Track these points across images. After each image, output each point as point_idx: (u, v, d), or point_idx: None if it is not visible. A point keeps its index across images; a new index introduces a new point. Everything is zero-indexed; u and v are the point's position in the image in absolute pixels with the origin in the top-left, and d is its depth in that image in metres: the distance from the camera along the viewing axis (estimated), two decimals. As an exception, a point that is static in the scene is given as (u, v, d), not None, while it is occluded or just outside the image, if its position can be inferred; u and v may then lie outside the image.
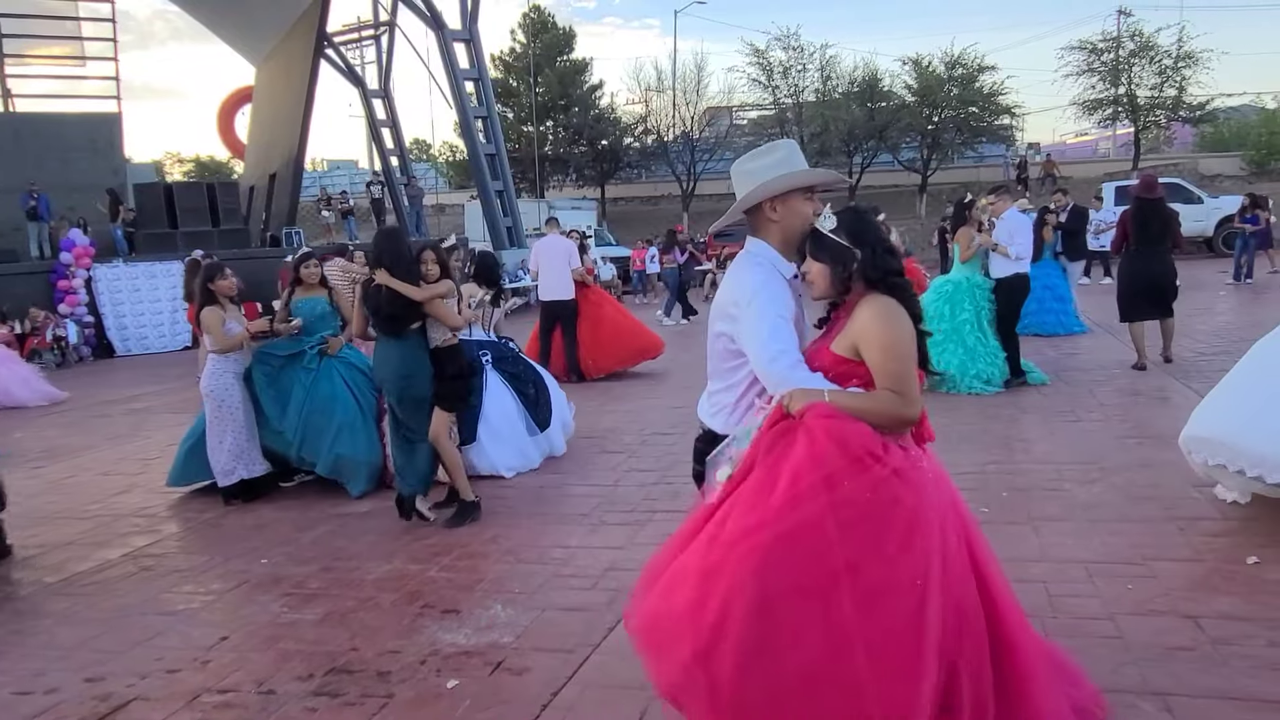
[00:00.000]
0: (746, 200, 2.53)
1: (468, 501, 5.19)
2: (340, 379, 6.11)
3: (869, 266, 2.40)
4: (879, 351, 2.33)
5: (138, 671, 3.52)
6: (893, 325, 2.35)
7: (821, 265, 2.44)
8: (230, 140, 34.94)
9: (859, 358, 2.36)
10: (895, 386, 2.31)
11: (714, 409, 2.67)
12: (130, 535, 5.42)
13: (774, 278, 2.50)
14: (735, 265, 2.61)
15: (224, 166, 49.77)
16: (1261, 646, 3.06)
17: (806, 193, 2.56)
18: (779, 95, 34.08)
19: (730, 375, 2.58)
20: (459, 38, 22.63)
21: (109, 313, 17.01)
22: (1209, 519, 4.32)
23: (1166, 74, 31.11)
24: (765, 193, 2.52)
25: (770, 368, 2.39)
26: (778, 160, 2.54)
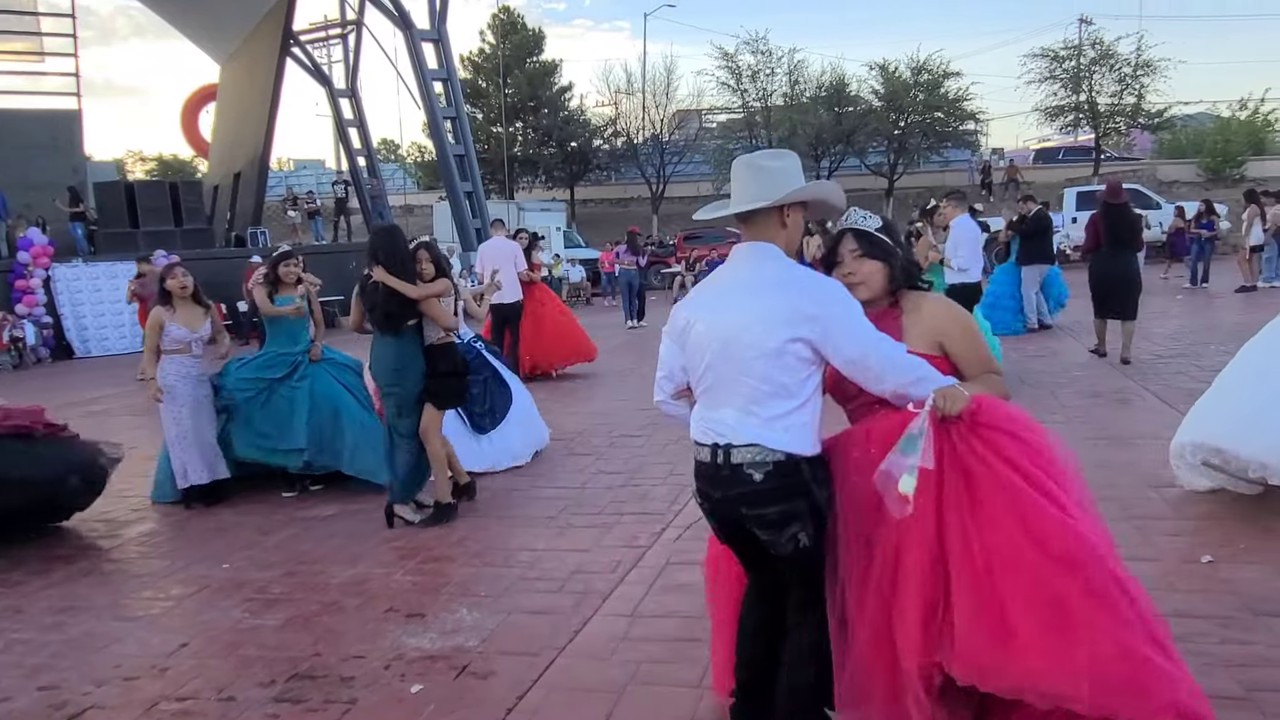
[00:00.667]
0: (794, 195, 2.36)
1: (445, 504, 5.18)
2: (334, 380, 6.06)
3: (907, 267, 2.49)
4: (968, 339, 2.45)
5: (94, 679, 3.45)
6: (966, 313, 2.51)
7: (877, 264, 2.44)
8: (194, 138, 34.41)
9: (940, 353, 2.42)
10: (993, 367, 2.47)
11: (792, 430, 2.31)
12: (89, 540, 5.32)
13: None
14: (771, 267, 2.36)
15: (187, 165, 48.99)
16: (1215, 644, 3.13)
17: (805, 208, 2.47)
18: (748, 99, 34.23)
19: (802, 389, 2.31)
20: (427, 38, 22.47)
21: (68, 313, 16.70)
22: (1166, 519, 4.41)
23: (1126, 82, 31.72)
24: (811, 194, 2.41)
25: (894, 353, 2.27)
26: (798, 167, 2.43)
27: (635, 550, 4.45)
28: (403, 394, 5.07)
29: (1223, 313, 12.37)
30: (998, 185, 32.00)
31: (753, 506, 2.33)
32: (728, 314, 2.34)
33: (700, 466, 2.43)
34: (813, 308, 2.26)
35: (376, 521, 5.27)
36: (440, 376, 5.14)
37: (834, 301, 2.28)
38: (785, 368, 2.28)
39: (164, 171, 48.56)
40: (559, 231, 27.01)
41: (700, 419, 2.42)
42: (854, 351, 2.26)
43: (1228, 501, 4.57)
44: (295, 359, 6.01)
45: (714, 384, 2.37)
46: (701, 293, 2.53)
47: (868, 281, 2.44)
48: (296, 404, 5.87)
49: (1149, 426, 6.26)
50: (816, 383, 2.36)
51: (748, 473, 2.30)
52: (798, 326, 2.25)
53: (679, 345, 2.48)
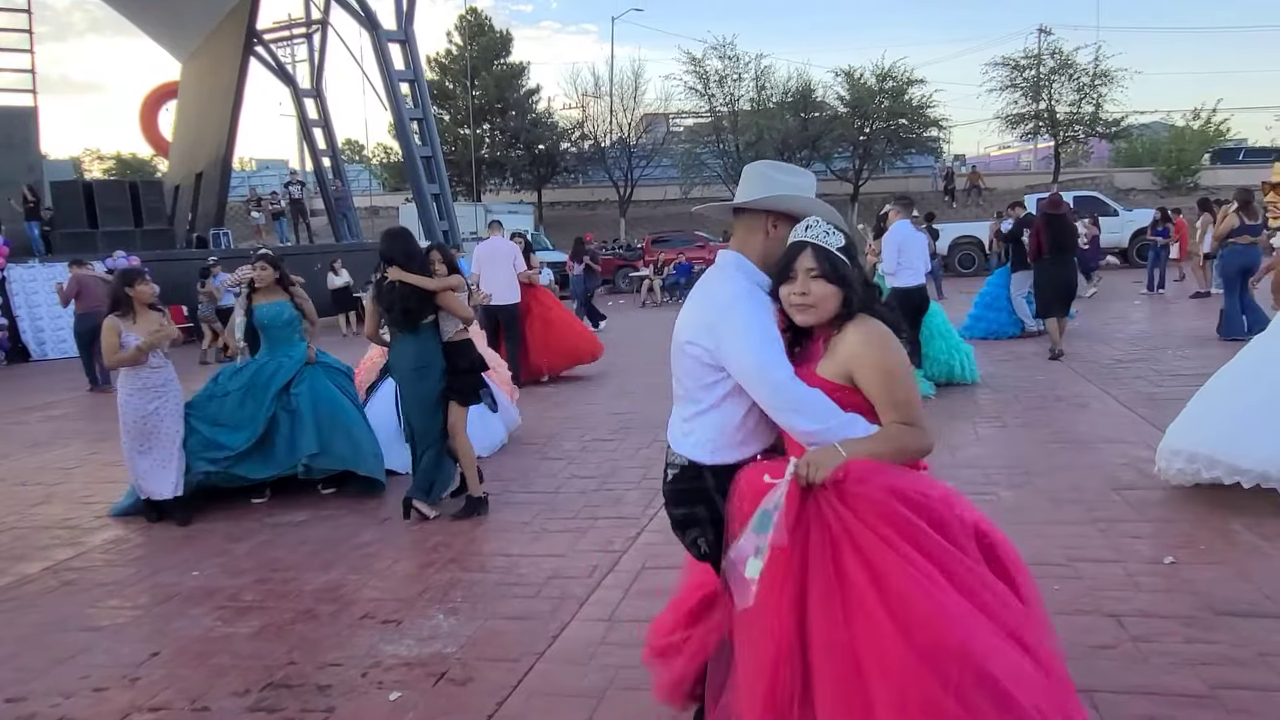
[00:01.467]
0: (769, 202, 2.34)
1: (476, 497, 5.29)
2: (329, 384, 6.00)
3: (867, 295, 2.24)
4: (882, 376, 2.15)
5: (62, 690, 3.39)
6: (891, 348, 2.17)
7: (833, 288, 2.18)
8: (153, 137, 33.78)
9: (847, 383, 2.17)
10: (905, 417, 2.14)
11: (693, 436, 2.35)
12: (51, 548, 5.21)
13: (755, 289, 2.31)
14: (711, 276, 2.41)
15: (146, 164, 48.09)
16: (1179, 643, 3.21)
17: (792, 223, 2.34)
18: (715, 104, 34.46)
19: (707, 395, 2.30)
20: (394, 38, 22.31)
21: (24, 315, 16.33)
22: (1128, 520, 4.51)
23: (1085, 91, 32.42)
24: (792, 206, 2.34)
25: (769, 375, 2.16)
26: (806, 185, 2.40)
27: (611, 554, 4.46)
28: (426, 392, 5.14)
29: (1178, 318, 12.67)
30: (960, 191, 32.49)
31: (667, 504, 2.45)
32: (679, 321, 2.41)
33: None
34: (712, 317, 2.26)
35: (348, 527, 5.24)
36: (462, 374, 5.23)
37: (730, 313, 2.23)
38: (690, 371, 2.32)
39: (122, 170, 47.64)
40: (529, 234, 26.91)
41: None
42: (737, 368, 2.21)
43: (1188, 503, 4.69)
44: (290, 371, 5.88)
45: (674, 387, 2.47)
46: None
47: (819, 305, 2.19)
48: (301, 409, 5.77)
49: (1110, 430, 6.40)
50: (723, 393, 2.28)
51: (667, 471, 2.43)
52: (697, 333, 2.29)
53: None
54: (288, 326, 5.96)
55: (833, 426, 2.14)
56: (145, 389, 5.40)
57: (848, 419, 2.15)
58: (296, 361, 5.94)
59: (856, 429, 2.14)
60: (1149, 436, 6.11)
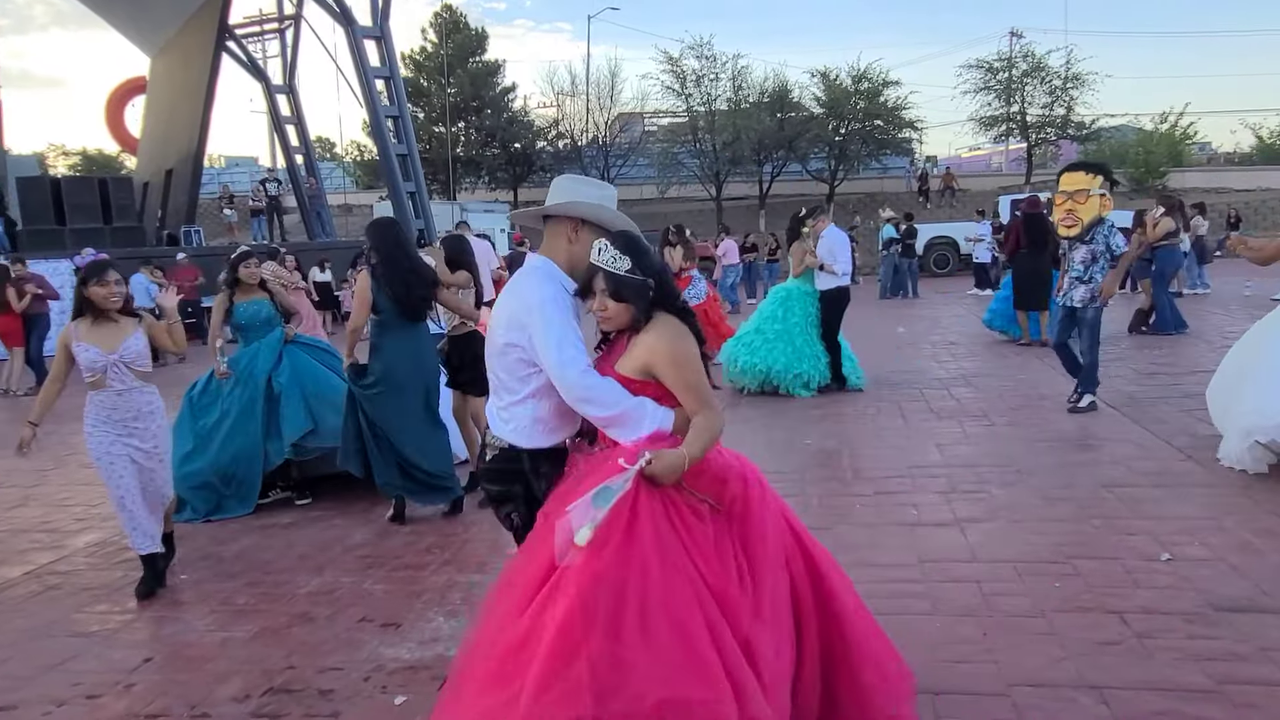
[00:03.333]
0: (569, 209, 2.60)
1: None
2: (313, 360, 5.89)
3: (663, 296, 2.50)
4: (674, 367, 2.42)
5: (53, 698, 3.30)
6: (682, 340, 2.47)
7: (623, 305, 2.46)
8: (120, 134, 33.16)
9: (647, 378, 2.44)
10: (699, 403, 2.43)
11: (512, 423, 2.58)
12: (31, 551, 5.09)
13: (561, 291, 2.56)
14: (521, 279, 2.64)
15: (113, 161, 47.22)
16: (1182, 639, 3.24)
17: (599, 232, 2.59)
18: (692, 103, 34.49)
19: (523, 386, 2.54)
20: (369, 34, 22.07)
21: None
22: (1122, 518, 4.55)
23: (1056, 94, 32.84)
24: (589, 213, 2.60)
25: (564, 372, 2.42)
26: (606, 196, 2.66)
27: (609, 555, 4.43)
28: (429, 381, 5.15)
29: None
30: (934, 193, 32.78)
31: (484, 481, 2.71)
32: (494, 315, 2.65)
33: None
34: (524, 315, 2.50)
35: (338, 529, 5.16)
36: (469, 365, 5.28)
37: (538, 313, 2.47)
38: (507, 366, 2.56)
39: (88, 166, 46.77)
40: (503, 233, 26.78)
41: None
42: (545, 358, 2.46)
43: (1179, 501, 4.75)
44: (271, 358, 5.74)
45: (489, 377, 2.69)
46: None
47: (615, 318, 2.50)
48: (287, 386, 5.62)
49: (1094, 429, 6.47)
50: (537, 385, 2.52)
51: (485, 452, 2.68)
52: (512, 331, 2.52)
53: None
54: (265, 325, 5.84)
55: (625, 410, 2.41)
56: (109, 421, 4.20)
57: (636, 401, 2.42)
58: (275, 340, 5.80)
59: (646, 410, 2.42)
60: (1133, 434, 6.20)
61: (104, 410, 4.19)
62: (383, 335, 5.08)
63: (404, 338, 5.06)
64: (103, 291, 4.18)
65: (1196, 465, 5.38)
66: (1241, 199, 28.78)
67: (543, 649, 2.15)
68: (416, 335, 5.12)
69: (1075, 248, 6.87)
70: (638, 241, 2.53)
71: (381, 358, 5.06)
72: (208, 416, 5.65)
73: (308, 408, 5.58)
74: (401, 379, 5.02)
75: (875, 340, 11.83)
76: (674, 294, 2.57)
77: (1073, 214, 6.83)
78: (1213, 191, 30.32)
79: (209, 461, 5.52)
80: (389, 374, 5.02)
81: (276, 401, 5.60)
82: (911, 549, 4.28)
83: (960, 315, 14.54)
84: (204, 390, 5.79)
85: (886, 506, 4.95)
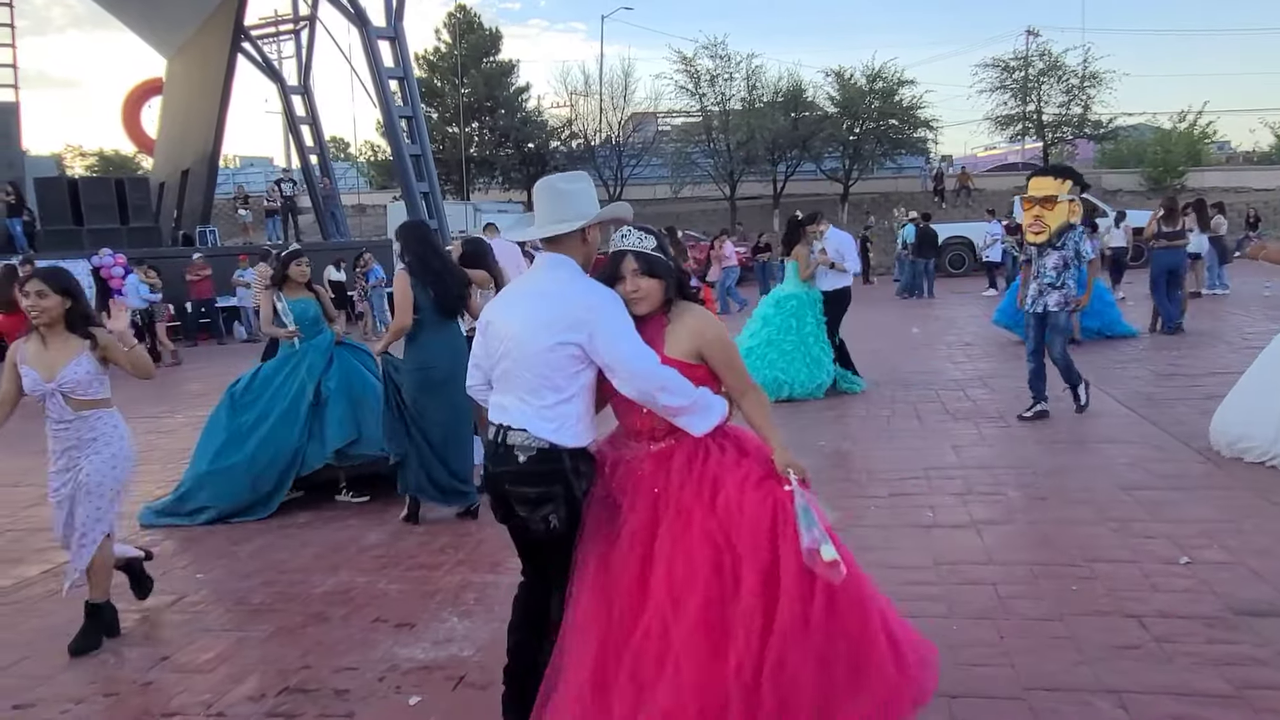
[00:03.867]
0: (600, 217, 2.66)
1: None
2: (360, 366, 5.90)
3: (680, 280, 2.67)
4: (722, 348, 2.59)
5: (71, 696, 3.33)
6: (720, 324, 2.67)
7: (656, 280, 2.58)
8: (136, 134, 33.41)
9: (698, 361, 2.56)
10: (746, 381, 2.64)
11: (556, 422, 2.54)
12: (48, 550, 5.09)
13: (609, 289, 2.61)
14: (557, 278, 2.60)
15: (129, 161, 47.58)
16: (1202, 644, 3.21)
17: (604, 227, 2.75)
18: (705, 103, 34.40)
19: (571, 384, 2.54)
20: (383, 35, 22.13)
21: (7, 313, 16.08)
22: (1140, 520, 4.51)
23: (1073, 92, 32.58)
24: (612, 215, 2.69)
25: (640, 364, 2.47)
26: (592, 189, 2.74)
27: (623, 556, 4.43)
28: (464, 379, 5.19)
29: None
30: (950, 192, 32.60)
31: (514, 484, 2.58)
32: (519, 315, 2.59)
33: (487, 444, 2.67)
34: (584, 314, 2.50)
35: (353, 529, 5.18)
36: None
37: (601, 310, 2.51)
38: (556, 365, 2.52)
39: (105, 167, 47.11)
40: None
41: (492, 403, 2.68)
42: (609, 358, 2.49)
43: (1197, 504, 4.71)
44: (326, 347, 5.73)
45: (504, 374, 2.62)
46: (505, 295, 2.79)
47: (649, 297, 2.58)
48: (336, 393, 5.60)
49: (1112, 430, 6.42)
50: (585, 381, 2.56)
51: (515, 454, 2.56)
52: (570, 331, 2.50)
53: (483, 339, 2.71)
54: (313, 325, 5.82)
55: (696, 399, 2.51)
56: (53, 451, 3.77)
57: (701, 392, 2.52)
58: (326, 343, 5.78)
59: (712, 400, 2.55)
60: (1151, 436, 6.15)
61: (56, 441, 3.74)
62: (421, 332, 5.08)
63: (444, 334, 5.12)
64: (24, 303, 3.64)
65: (1215, 467, 5.33)
66: (1261, 198, 28.49)
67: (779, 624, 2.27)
68: (454, 332, 5.19)
69: (1046, 254, 6.71)
70: (649, 226, 2.67)
71: (421, 354, 5.08)
72: (248, 414, 5.63)
73: (354, 415, 5.55)
74: (442, 375, 5.03)
75: (890, 341, 11.79)
76: (687, 280, 2.70)
77: (1040, 220, 6.65)
78: (1231, 191, 30.05)
79: (244, 459, 5.48)
80: (429, 369, 5.04)
81: (323, 405, 5.58)
82: (927, 551, 4.26)
83: (975, 316, 14.45)
84: (248, 387, 5.76)
85: (902, 508, 4.92)
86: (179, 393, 11.16)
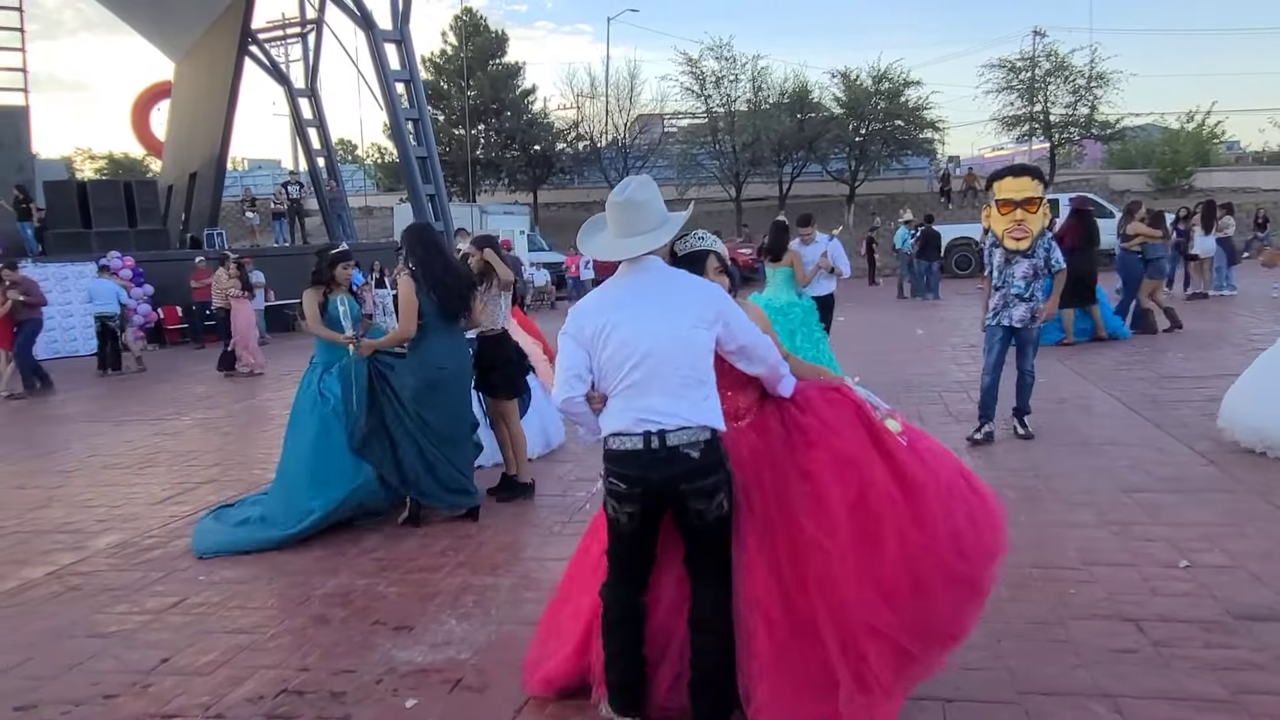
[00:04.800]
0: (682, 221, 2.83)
1: (525, 483, 5.64)
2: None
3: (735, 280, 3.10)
4: (770, 335, 2.98)
5: (71, 698, 3.34)
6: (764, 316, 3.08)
7: (726, 277, 3.01)
8: (145, 137, 33.61)
9: None
10: (784, 350, 3.04)
11: (711, 410, 2.69)
12: (54, 552, 5.15)
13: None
14: (671, 275, 2.81)
15: (138, 164, 47.85)
16: (1199, 648, 3.20)
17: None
18: (711, 104, 34.39)
19: (711, 374, 2.73)
20: (390, 38, 22.22)
21: (17, 316, 16.15)
22: (1141, 524, 4.50)
23: (1080, 93, 32.44)
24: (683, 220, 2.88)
25: (767, 344, 2.83)
26: (659, 191, 2.92)
27: (622, 559, 4.43)
28: (467, 380, 5.30)
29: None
30: (956, 193, 32.50)
31: (691, 481, 2.61)
32: (652, 317, 2.66)
33: (630, 455, 2.65)
34: (719, 307, 2.73)
35: (354, 531, 5.19)
36: (500, 368, 5.47)
37: (725, 301, 2.78)
38: (702, 358, 2.69)
39: (114, 170, 47.41)
40: (523, 235, 26.86)
41: (625, 411, 2.66)
42: (745, 340, 2.76)
43: (1199, 506, 4.69)
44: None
45: (641, 379, 2.64)
46: (609, 301, 2.77)
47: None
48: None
49: (1114, 432, 6.40)
50: (711, 369, 2.77)
51: (685, 452, 2.61)
52: (712, 325, 2.70)
53: (587, 349, 2.73)
54: (358, 323, 5.72)
55: (786, 368, 2.92)
56: None
57: (777, 354, 2.90)
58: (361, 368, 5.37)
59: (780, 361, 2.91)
60: (1154, 439, 6.13)
61: None
62: (426, 336, 5.06)
63: (447, 336, 5.14)
64: None
65: (1218, 470, 5.31)
66: (1270, 198, 28.35)
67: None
68: (457, 334, 5.23)
69: (1016, 262, 6.07)
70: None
71: (429, 355, 5.06)
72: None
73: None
74: (450, 374, 5.08)
75: (894, 342, 11.78)
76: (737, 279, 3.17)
77: (1023, 225, 5.96)
78: (1240, 191, 29.88)
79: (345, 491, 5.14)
80: (439, 369, 5.04)
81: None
82: (926, 554, 4.24)
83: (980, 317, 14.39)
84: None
85: (902, 511, 4.91)
86: (185, 395, 11.22)
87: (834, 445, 2.78)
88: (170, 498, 6.20)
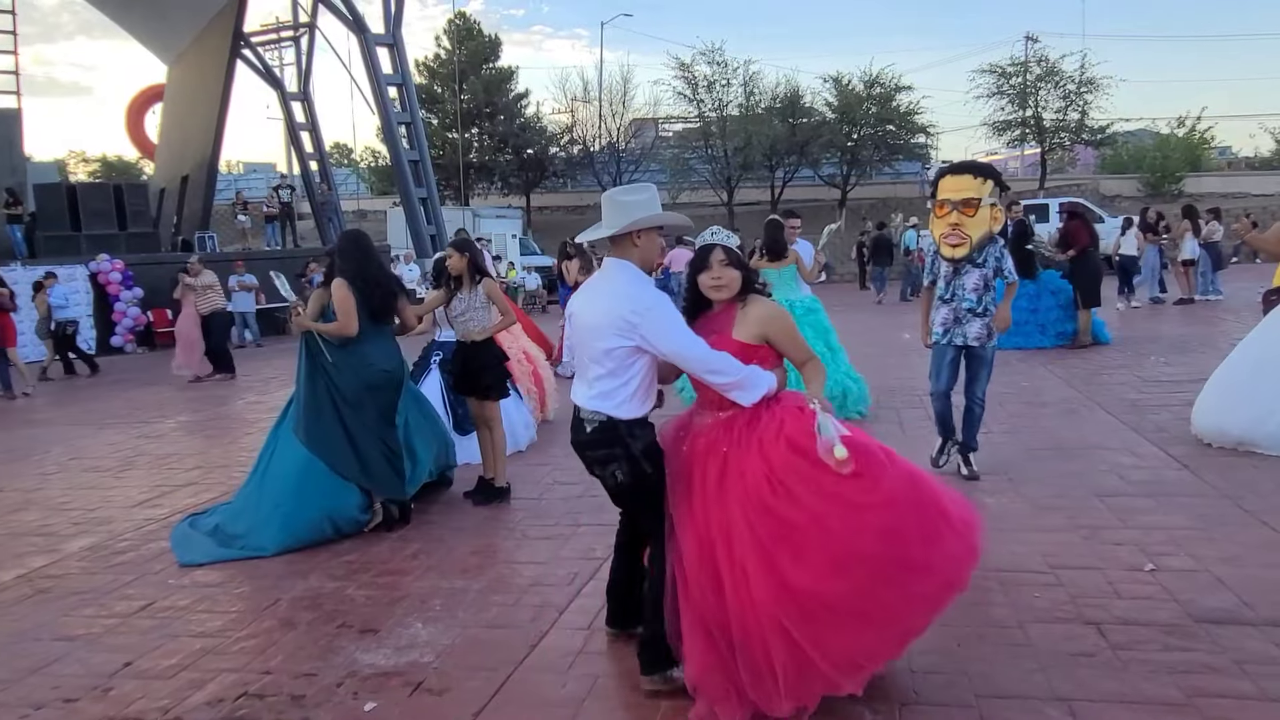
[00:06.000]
0: (635, 224, 3.04)
1: (501, 487, 5.69)
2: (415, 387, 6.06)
3: (751, 278, 3.14)
4: (788, 333, 3.10)
5: (32, 702, 3.34)
6: (786, 314, 3.17)
7: (737, 271, 3.08)
8: (139, 140, 33.61)
9: (762, 342, 3.05)
10: (807, 353, 3.14)
11: (613, 399, 3.04)
12: (26, 555, 5.14)
13: (657, 289, 3.09)
14: (615, 279, 3.08)
15: (132, 167, 47.79)
16: (1158, 651, 3.21)
17: (661, 230, 3.18)
18: (704, 109, 34.48)
19: (626, 372, 3.02)
20: (382, 42, 22.25)
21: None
22: (1110, 528, 4.51)
23: (1071, 98, 32.56)
24: (650, 222, 3.08)
25: (691, 353, 2.94)
26: (650, 199, 3.11)
27: (592, 562, 4.43)
28: (401, 380, 5.35)
29: (1163, 325, 12.73)
30: (947, 198, 32.45)
31: (584, 450, 3.16)
32: (588, 312, 3.10)
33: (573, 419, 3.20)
34: (634, 317, 2.93)
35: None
36: (488, 369, 5.56)
37: (648, 313, 2.94)
38: (613, 358, 3.00)
39: (107, 173, 47.31)
40: (515, 239, 26.87)
41: (574, 385, 3.22)
42: (669, 349, 2.95)
43: (1170, 511, 4.70)
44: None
45: (579, 362, 3.19)
46: (583, 290, 3.25)
47: (730, 285, 3.08)
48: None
49: (1095, 437, 6.41)
50: (640, 367, 3.02)
51: (585, 425, 3.12)
52: (624, 332, 2.95)
53: (571, 328, 3.23)
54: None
55: (742, 377, 2.94)
56: None
57: (750, 369, 2.97)
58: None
59: (759, 377, 2.98)
60: (1132, 443, 6.14)
61: None
62: (361, 338, 5.11)
63: (382, 339, 5.26)
64: None
65: (1191, 474, 5.32)
66: (1259, 203, 28.43)
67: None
68: (389, 337, 5.35)
69: (965, 272, 5.44)
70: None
71: (365, 358, 5.13)
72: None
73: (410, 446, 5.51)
74: (390, 380, 5.23)
75: (879, 346, 11.78)
76: (756, 276, 3.17)
77: (959, 230, 5.31)
78: (1230, 196, 29.98)
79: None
80: (377, 374, 5.16)
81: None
82: (894, 558, 4.25)
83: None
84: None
85: (874, 515, 4.91)
86: (172, 399, 11.19)
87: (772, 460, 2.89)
88: (146, 501, 6.18)
